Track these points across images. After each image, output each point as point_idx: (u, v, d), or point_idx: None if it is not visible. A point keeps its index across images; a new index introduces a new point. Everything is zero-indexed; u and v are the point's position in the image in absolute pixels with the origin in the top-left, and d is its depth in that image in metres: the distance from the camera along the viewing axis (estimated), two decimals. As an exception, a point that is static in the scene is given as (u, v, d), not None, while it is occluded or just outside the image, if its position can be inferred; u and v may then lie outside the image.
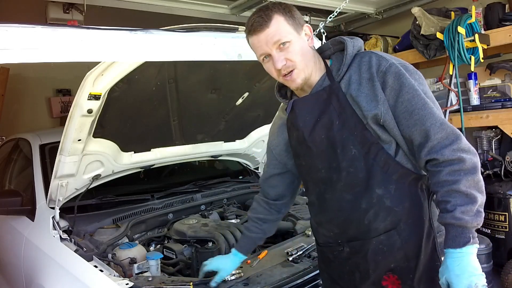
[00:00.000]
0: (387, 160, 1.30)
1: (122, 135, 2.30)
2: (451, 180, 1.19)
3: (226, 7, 3.88)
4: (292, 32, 1.31)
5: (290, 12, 1.33)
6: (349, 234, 1.40)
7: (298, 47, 1.32)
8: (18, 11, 3.70)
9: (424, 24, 3.21)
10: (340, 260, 1.46)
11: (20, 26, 1.31)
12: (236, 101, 2.56)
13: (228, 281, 1.75)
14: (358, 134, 1.30)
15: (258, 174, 3.33)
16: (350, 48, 1.34)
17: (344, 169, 1.34)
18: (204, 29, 1.76)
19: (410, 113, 1.24)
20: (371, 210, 1.32)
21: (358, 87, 1.29)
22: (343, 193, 1.36)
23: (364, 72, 1.29)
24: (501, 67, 3.33)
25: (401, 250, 1.32)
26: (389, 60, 1.28)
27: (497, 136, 3.36)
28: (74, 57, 1.41)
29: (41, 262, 2.03)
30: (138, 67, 1.84)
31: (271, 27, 1.29)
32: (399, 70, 1.26)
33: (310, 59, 1.36)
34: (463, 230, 1.18)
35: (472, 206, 1.18)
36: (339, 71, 1.34)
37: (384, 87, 1.26)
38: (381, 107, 1.26)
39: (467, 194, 1.18)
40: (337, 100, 1.33)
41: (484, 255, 2.97)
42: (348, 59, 1.33)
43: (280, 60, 1.31)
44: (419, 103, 1.24)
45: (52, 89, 5.74)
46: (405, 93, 1.24)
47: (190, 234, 2.20)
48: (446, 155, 1.20)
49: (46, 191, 2.30)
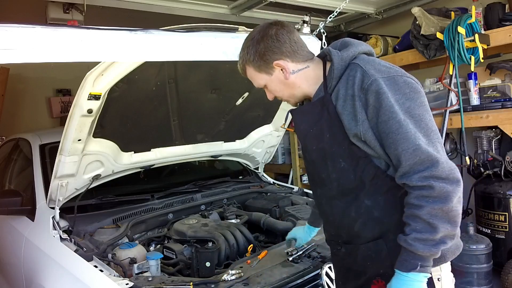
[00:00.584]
0: (376, 173, 1.30)
1: (122, 135, 2.30)
2: (416, 205, 1.18)
3: (226, 7, 3.88)
4: (264, 76, 1.41)
5: (258, 58, 1.38)
6: (343, 236, 1.45)
7: (274, 86, 1.42)
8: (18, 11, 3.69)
9: (424, 24, 3.21)
10: (337, 257, 1.53)
11: (20, 26, 1.31)
12: (236, 101, 2.56)
13: (228, 281, 1.75)
14: (346, 149, 1.31)
15: (258, 174, 3.33)
16: (337, 61, 1.32)
17: (334, 180, 1.37)
18: (204, 29, 1.76)
19: (386, 135, 1.22)
20: (359, 219, 1.35)
21: (343, 104, 1.28)
22: (335, 200, 1.41)
23: (349, 88, 1.28)
24: (501, 67, 3.32)
25: (388, 258, 1.32)
26: (372, 76, 1.23)
27: (497, 136, 3.36)
28: (74, 57, 1.41)
29: (41, 262, 2.03)
30: (138, 67, 1.84)
31: (248, 76, 1.46)
32: (379, 89, 1.21)
33: (292, 87, 1.41)
34: (413, 256, 1.18)
35: (430, 235, 1.16)
36: (330, 84, 1.34)
37: (367, 106, 1.24)
38: (360, 127, 1.25)
39: (428, 223, 1.16)
40: (327, 113, 1.33)
41: (484, 255, 2.97)
42: (336, 73, 1.32)
43: (269, 95, 1.49)
44: (394, 127, 1.19)
45: (52, 89, 5.74)
46: (382, 114, 1.21)
47: (190, 234, 2.20)
48: (414, 181, 1.18)
49: (46, 191, 2.31)
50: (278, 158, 5.18)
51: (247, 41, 1.41)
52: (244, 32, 1.92)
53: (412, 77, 1.30)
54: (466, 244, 3.00)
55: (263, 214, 2.57)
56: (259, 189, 3.04)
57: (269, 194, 2.96)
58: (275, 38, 1.35)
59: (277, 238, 2.42)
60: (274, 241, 2.38)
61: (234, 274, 1.78)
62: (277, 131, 3.03)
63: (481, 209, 3.28)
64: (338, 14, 2.49)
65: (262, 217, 2.51)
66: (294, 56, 1.37)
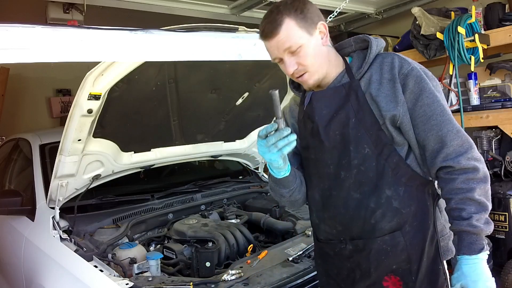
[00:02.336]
0: (398, 163, 1.31)
1: (122, 135, 2.30)
2: (466, 188, 1.23)
3: (226, 7, 3.88)
4: (304, 35, 1.28)
5: (302, 12, 1.28)
6: (353, 232, 1.38)
7: (310, 50, 1.30)
8: (18, 11, 3.69)
9: (424, 24, 3.21)
10: (340, 257, 1.45)
11: (20, 26, 1.31)
12: (236, 101, 2.56)
13: (228, 281, 1.75)
14: (373, 134, 1.30)
15: (258, 174, 3.33)
16: (374, 47, 1.34)
17: (354, 167, 1.34)
18: (204, 29, 1.76)
19: (428, 118, 1.26)
20: (378, 210, 1.32)
21: (379, 87, 1.30)
22: (351, 191, 1.36)
23: (385, 73, 1.30)
24: (501, 67, 3.32)
25: (404, 252, 1.32)
26: (411, 64, 1.30)
27: (497, 136, 3.36)
28: (74, 57, 1.41)
29: (41, 262, 2.03)
30: (138, 67, 1.84)
31: (281, 34, 1.27)
32: (420, 74, 1.27)
33: (324, 59, 1.34)
34: (477, 237, 1.21)
35: (484, 214, 1.22)
36: (360, 69, 1.34)
37: (404, 90, 1.27)
38: (400, 109, 1.27)
39: (480, 203, 1.22)
40: (355, 97, 1.32)
41: (484, 255, 2.97)
42: (371, 58, 1.33)
43: (292, 65, 1.31)
44: (438, 109, 1.26)
45: (52, 89, 5.74)
46: (425, 97, 1.26)
47: (190, 234, 2.20)
48: (462, 163, 1.23)
49: (46, 191, 2.30)
50: (278, 158, 5.17)
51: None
52: (244, 32, 1.92)
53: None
54: (466, 244, 3.00)
55: (263, 214, 2.57)
56: (259, 189, 3.04)
57: (269, 194, 2.96)
58: (316, 7, 1.34)
59: (277, 238, 2.42)
60: (274, 241, 2.38)
61: (234, 274, 1.78)
62: (277, 131, 3.03)
63: (481, 209, 3.27)
64: (338, 14, 2.49)
65: (262, 217, 2.51)
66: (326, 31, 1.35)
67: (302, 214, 2.52)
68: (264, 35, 1.31)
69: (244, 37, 1.87)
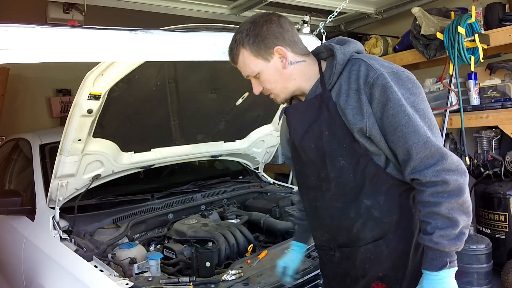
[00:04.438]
0: (376, 172, 1.28)
1: (122, 135, 2.30)
2: (433, 202, 1.17)
3: (226, 7, 3.88)
4: (259, 63, 1.32)
5: (255, 41, 1.30)
6: (339, 240, 1.40)
7: (269, 75, 1.34)
8: (18, 11, 3.69)
9: (424, 24, 3.21)
10: (332, 264, 1.47)
11: (20, 26, 1.31)
12: (236, 101, 2.56)
13: (228, 281, 1.75)
14: (347, 146, 1.28)
15: (258, 174, 3.33)
16: (339, 56, 1.29)
17: (333, 179, 1.33)
18: (204, 29, 1.76)
19: (394, 129, 1.20)
20: (359, 220, 1.32)
21: (346, 99, 1.26)
22: (333, 201, 1.36)
23: (352, 83, 1.25)
24: (501, 67, 3.32)
25: (388, 260, 1.31)
26: (377, 71, 1.22)
27: (497, 136, 3.36)
28: (74, 57, 1.41)
29: (41, 262, 2.03)
30: (138, 67, 1.84)
31: (239, 63, 1.37)
32: (386, 83, 1.20)
33: (287, 80, 1.34)
34: (440, 253, 1.17)
35: (452, 230, 1.16)
36: (330, 79, 1.30)
37: (371, 100, 1.22)
38: (366, 121, 1.22)
39: (448, 218, 1.16)
40: (327, 109, 1.30)
41: (484, 255, 2.97)
42: (338, 68, 1.29)
43: (257, 87, 1.39)
44: (403, 120, 1.18)
45: (52, 89, 5.74)
46: (390, 108, 1.19)
47: (190, 234, 2.20)
48: (428, 176, 1.17)
49: (46, 191, 2.31)
50: (278, 158, 5.17)
51: (246, 24, 1.34)
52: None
53: (411, 73, 1.29)
54: (466, 244, 2.96)
55: (263, 214, 2.57)
56: (259, 189, 3.04)
57: (269, 194, 2.96)
58: (279, 24, 1.32)
59: (277, 238, 2.42)
60: (274, 241, 2.38)
61: (234, 274, 1.78)
62: (277, 131, 3.03)
63: (481, 209, 3.28)
64: (338, 14, 2.49)
65: (262, 217, 2.51)
66: (294, 46, 1.34)
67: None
68: (230, 60, 1.41)
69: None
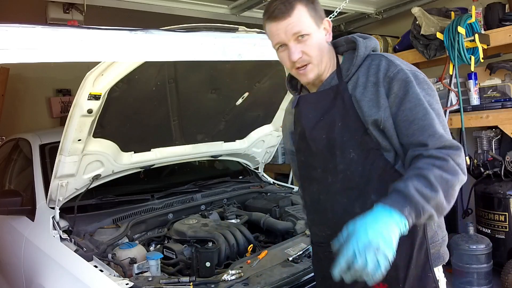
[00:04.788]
0: (385, 167, 1.27)
1: (122, 135, 2.30)
2: (423, 167, 1.13)
3: (226, 7, 3.88)
4: (313, 25, 1.27)
5: (313, 3, 1.29)
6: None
7: (316, 41, 1.28)
8: (18, 11, 3.69)
9: (424, 24, 3.21)
10: (330, 261, 1.39)
11: (20, 26, 1.31)
12: (236, 101, 2.56)
13: (228, 281, 1.75)
14: (359, 138, 1.28)
15: (258, 174, 3.33)
16: (362, 49, 1.31)
17: (340, 172, 1.31)
18: (204, 29, 1.76)
19: (410, 122, 1.20)
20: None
21: (363, 91, 1.27)
22: (337, 196, 1.34)
23: (371, 76, 1.27)
24: (501, 67, 3.32)
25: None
26: (398, 66, 1.25)
27: (497, 136, 3.36)
28: (74, 57, 1.41)
29: (41, 262, 2.03)
30: (138, 67, 1.84)
31: (292, 17, 1.24)
32: (406, 78, 1.22)
33: (325, 54, 1.32)
34: (405, 200, 1.07)
35: (429, 193, 1.08)
36: (348, 71, 1.31)
37: (389, 93, 1.23)
38: (382, 114, 1.23)
39: (431, 183, 1.09)
40: (342, 101, 1.30)
41: (484, 255, 2.97)
42: (359, 60, 1.31)
43: (297, 52, 1.26)
44: (420, 113, 1.20)
45: (52, 89, 5.74)
46: (408, 101, 1.21)
47: (190, 234, 2.20)
48: (431, 151, 1.15)
49: (46, 191, 2.31)
50: (278, 158, 5.17)
51: None
52: (244, 32, 1.92)
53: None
54: (466, 244, 3.00)
55: (263, 214, 2.57)
56: (259, 189, 3.04)
57: (269, 194, 2.96)
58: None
59: (277, 238, 2.42)
60: (274, 241, 2.38)
61: (234, 274, 1.78)
62: (277, 131, 3.03)
63: (481, 209, 3.28)
64: (338, 14, 2.50)
65: (262, 217, 2.51)
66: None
67: (302, 214, 2.52)
68: (273, 16, 1.26)
69: (244, 37, 1.87)
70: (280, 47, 1.31)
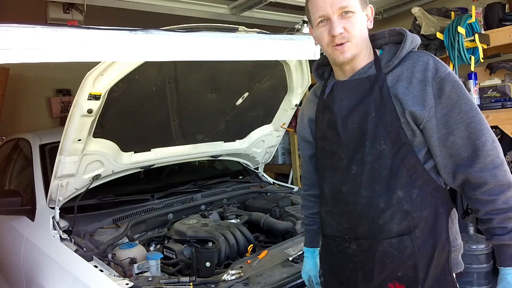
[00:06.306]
0: (414, 164, 1.26)
1: (122, 135, 2.30)
2: (507, 208, 1.21)
3: (226, 7, 3.88)
4: (358, 5, 1.27)
5: None
6: (359, 231, 1.33)
7: (359, 21, 1.27)
8: (18, 11, 3.69)
9: (424, 24, 3.21)
10: (344, 256, 1.38)
11: (20, 26, 1.31)
12: (236, 101, 2.56)
13: (228, 281, 1.75)
14: (393, 131, 1.25)
15: (258, 174, 3.33)
16: (408, 42, 1.28)
17: (368, 163, 1.28)
18: (204, 29, 1.76)
19: (467, 125, 1.21)
20: (388, 210, 1.27)
21: (407, 86, 1.24)
22: (361, 188, 1.30)
23: (418, 73, 1.24)
24: (501, 67, 3.32)
25: (411, 258, 1.27)
26: (448, 68, 1.24)
27: (497, 136, 3.35)
28: (74, 57, 1.41)
29: (41, 262, 2.03)
30: (138, 67, 1.84)
31: None
32: (457, 80, 1.23)
33: (364, 39, 1.31)
34: None
35: None
36: (389, 63, 1.28)
37: (440, 94, 1.22)
38: (426, 113, 1.22)
39: None
40: (379, 92, 1.27)
41: (484, 255, 2.97)
42: (403, 53, 1.28)
43: (339, 27, 1.24)
44: (477, 117, 1.21)
45: (52, 89, 5.73)
46: (464, 104, 1.21)
47: (190, 234, 2.20)
48: (498, 177, 1.20)
49: (46, 191, 2.31)
50: (278, 158, 5.17)
51: None
52: (244, 32, 1.92)
53: None
54: (466, 244, 3.00)
55: (263, 214, 2.57)
56: (259, 189, 3.04)
57: (269, 194, 2.96)
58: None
59: (277, 238, 2.42)
60: (274, 241, 2.38)
61: (234, 274, 1.78)
62: (277, 131, 3.03)
63: (481, 209, 3.27)
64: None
65: (262, 217, 2.51)
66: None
67: (302, 214, 2.52)
68: None
69: (244, 37, 1.87)
70: (320, 22, 1.29)
